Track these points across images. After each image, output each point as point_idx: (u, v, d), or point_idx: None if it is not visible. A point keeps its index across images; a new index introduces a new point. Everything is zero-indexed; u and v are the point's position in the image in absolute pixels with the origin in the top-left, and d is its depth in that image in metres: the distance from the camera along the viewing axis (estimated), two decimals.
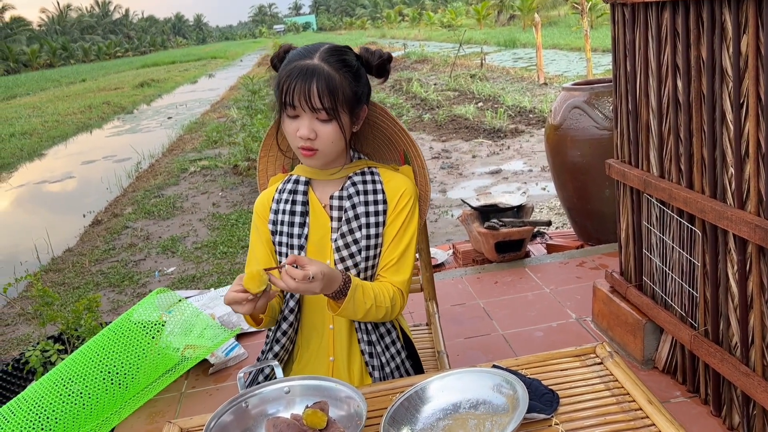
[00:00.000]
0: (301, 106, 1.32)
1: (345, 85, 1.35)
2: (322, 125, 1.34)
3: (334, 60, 1.35)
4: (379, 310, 1.40)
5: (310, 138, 1.34)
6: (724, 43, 1.67)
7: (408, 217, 1.46)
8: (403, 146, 1.59)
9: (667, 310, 2.14)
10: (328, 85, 1.31)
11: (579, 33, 14.63)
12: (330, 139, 1.35)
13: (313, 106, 1.31)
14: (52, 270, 5.39)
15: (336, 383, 1.16)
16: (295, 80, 1.31)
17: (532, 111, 9.71)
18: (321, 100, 1.31)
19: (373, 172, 1.48)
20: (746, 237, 1.63)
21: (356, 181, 1.45)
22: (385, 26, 68.04)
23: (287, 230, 1.45)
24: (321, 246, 1.45)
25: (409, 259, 1.47)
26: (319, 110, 1.32)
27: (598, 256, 3.35)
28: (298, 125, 1.34)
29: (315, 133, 1.34)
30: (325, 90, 1.31)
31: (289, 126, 1.36)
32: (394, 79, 16.19)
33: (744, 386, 1.74)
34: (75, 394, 2.21)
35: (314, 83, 1.30)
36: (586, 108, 3.38)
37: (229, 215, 6.28)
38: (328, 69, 1.33)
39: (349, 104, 1.36)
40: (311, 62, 1.33)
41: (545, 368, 1.26)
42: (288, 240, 1.45)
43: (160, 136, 12.32)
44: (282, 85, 1.33)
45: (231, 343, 2.75)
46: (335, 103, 1.33)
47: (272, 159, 1.65)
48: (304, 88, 1.30)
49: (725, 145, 1.72)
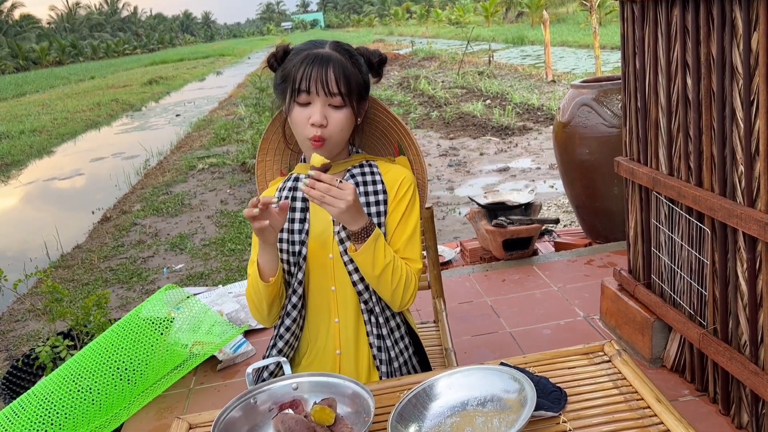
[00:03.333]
0: (317, 91, 1.34)
1: (357, 73, 1.38)
2: (334, 111, 1.36)
3: (344, 51, 1.39)
4: (395, 274, 1.37)
5: (322, 124, 1.35)
6: (735, 41, 1.66)
7: (410, 204, 1.47)
8: (397, 137, 1.60)
9: (676, 308, 2.13)
10: (344, 71, 1.35)
11: (588, 30, 14.57)
12: (340, 126, 1.37)
13: (330, 90, 1.33)
14: (61, 266, 5.43)
15: (344, 380, 1.16)
16: (311, 66, 1.33)
17: (540, 108, 9.68)
18: (338, 84, 1.34)
19: (372, 165, 1.50)
20: (756, 235, 1.62)
21: (355, 173, 1.47)
22: (393, 23, 67.95)
23: (288, 226, 1.46)
24: (323, 239, 1.46)
25: (415, 246, 1.46)
26: (335, 95, 1.34)
27: (606, 254, 3.34)
28: (309, 112, 1.36)
29: (326, 120, 1.36)
30: (342, 75, 1.34)
31: (300, 114, 1.37)
32: (401, 76, 16.19)
33: (753, 385, 1.73)
34: (84, 390, 2.23)
35: (331, 68, 1.33)
36: (595, 105, 3.36)
37: (237, 212, 6.29)
38: (341, 57, 1.36)
39: (358, 93, 1.39)
40: (324, 50, 1.37)
41: (553, 366, 1.26)
42: (289, 236, 1.46)
43: (169, 133, 12.37)
44: (295, 74, 1.35)
45: (239, 340, 2.76)
46: (349, 89, 1.35)
47: (269, 163, 1.65)
48: (321, 72, 1.33)
49: (735, 143, 1.71)
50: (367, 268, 1.36)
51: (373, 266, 1.35)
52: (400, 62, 20.50)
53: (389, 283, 1.37)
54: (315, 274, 1.48)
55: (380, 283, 1.38)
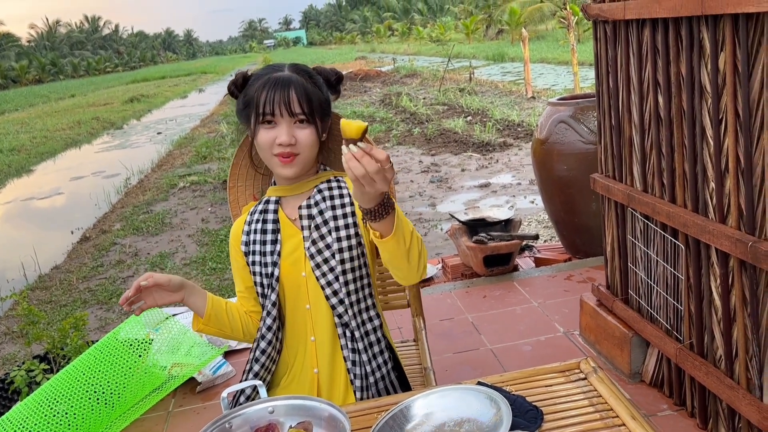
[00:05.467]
0: (281, 113, 1.37)
1: (317, 92, 1.42)
2: (300, 130, 1.39)
3: (303, 72, 1.43)
4: (418, 239, 1.28)
5: (290, 143, 1.38)
6: (703, 61, 1.69)
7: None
8: None
9: (653, 323, 2.15)
10: (306, 91, 1.39)
11: (566, 47, 14.80)
12: (309, 143, 1.40)
13: (293, 111, 1.37)
14: (39, 288, 5.35)
15: (320, 402, 1.16)
16: (273, 90, 1.37)
17: (521, 125, 9.78)
18: (301, 105, 1.37)
19: (339, 180, 1.51)
20: (728, 251, 1.65)
21: (322, 189, 1.48)
22: (375, 41, 68.48)
23: (260, 249, 1.48)
24: (295, 258, 1.47)
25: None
26: (298, 114, 1.38)
27: (585, 270, 3.37)
28: (275, 133, 1.38)
29: (294, 138, 1.38)
30: (303, 95, 1.38)
31: (266, 136, 1.39)
32: (383, 93, 16.28)
33: (729, 399, 1.75)
34: (60, 415, 2.19)
35: (292, 90, 1.37)
36: (572, 122, 3.41)
37: (218, 231, 6.26)
38: (300, 79, 1.40)
39: (321, 112, 1.42)
40: (284, 74, 1.41)
41: (530, 384, 1.26)
42: (261, 258, 1.47)
43: (150, 151, 12.30)
44: (258, 98, 1.38)
45: (218, 361, 2.74)
46: (312, 108, 1.39)
47: (242, 189, 1.66)
48: (283, 95, 1.37)
49: (706, 161, 1.74)
50: (401, 233, 1.24)
51: (404, 231, 1.24)
52: (382, 79, 20.63)
53: (417, 250, 1.29)
54: (290, 295, 1.48)
55: (414, 248, 1.28)
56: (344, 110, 12.77)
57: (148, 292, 1.38)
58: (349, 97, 16.25)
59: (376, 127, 11.02)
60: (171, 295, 1.40)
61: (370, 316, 1.49)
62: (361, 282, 1.47)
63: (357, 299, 1.46)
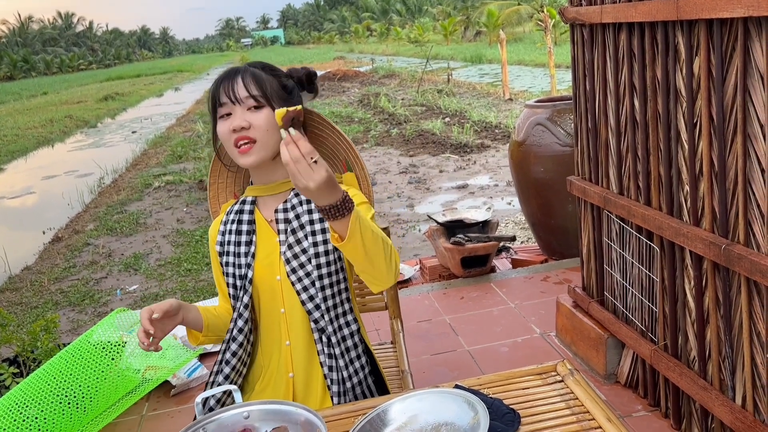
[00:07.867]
0: (230, 100, 1.37)
1: (271, 79, 1.42)
2: (254, 114, 1.38)
3: (258, 64, 1.46)
4: (384, 242, 1.24)
5: (243, 127, 1.36)
6: (678, 65, 1.71)
7: (362, 204, 1.42)
8: (344, 154, 1.60)
9: (628, 324, 2.17)
10: (254, 76, 1.40)
11: (543, 49, 14.93)
12: (264, 126, 1.38)
13: (240, 95, 1.37)
14: (9, 289, 5.23)
15: (296, 407, 1.14)
16: (222, 81, 1.40)
17: (498, 126, 9.83)
18: (248, 88, 1.38)
19: None
20: (701, 253, 1.67)
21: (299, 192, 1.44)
22: (354, 41, 68.39)
23: (234, 250, 1.46)
24: (269, 261, 1.45)
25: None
26: (247, 98, 1.37)
27: (561, 271, 3.39)
28: (230, 122, 1.38)
29: (248, 122, 1.37)
30: (251, 80, 1.39)
31: (223, 126, 1.39)
32: (362, 93, 16.27)
33: (702, 400, 1.77)
34: (31, 419, 2.14)
35: (239, 78, 1.39)
36: (549, 125, 3.43)
37: (194, 231, 6.19)
38: (253, 68, 1.43)
39: (278, 95, 1.41)
40: (237, 67, 1.43)
41: (507, 387, 1.26)
42: (235, 259, 1.46)
43: (124, 150, 12.12)
44: (213, 94, 1.40)
45: (193, 364, 2.70)
46: (263, 91, 1.39)
47: (222, 186, 1.65)
48: (230, 84, 1.39)
49: (680, 164, 1.76)
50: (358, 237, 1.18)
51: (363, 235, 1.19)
52: (360, 79, 20.60)
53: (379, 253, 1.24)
54: (264, 298, 1.46)
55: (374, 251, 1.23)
56: (322, 110, 12.73)
57: (158, 324, 1.32)
58: (327, 97, 16.20)
59: (354, 127, 11.00)
60: (173, 318, 1.36)
61: (347, 320, 1.47)
62: (338, 287, 1.45)
63: (333, 304, 1.44)
